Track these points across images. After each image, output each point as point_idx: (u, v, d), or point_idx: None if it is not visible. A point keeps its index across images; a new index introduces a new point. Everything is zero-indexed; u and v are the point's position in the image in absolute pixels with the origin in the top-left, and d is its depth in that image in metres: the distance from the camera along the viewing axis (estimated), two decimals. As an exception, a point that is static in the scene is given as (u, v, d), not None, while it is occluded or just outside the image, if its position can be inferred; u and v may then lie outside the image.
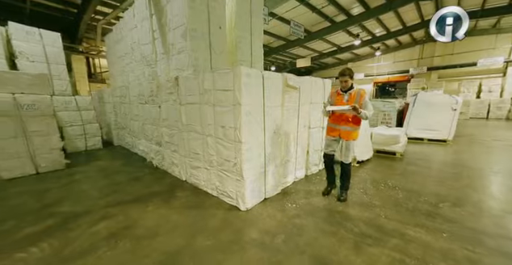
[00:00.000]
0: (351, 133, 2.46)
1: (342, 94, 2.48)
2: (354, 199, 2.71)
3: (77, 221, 2.22)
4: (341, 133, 2.50)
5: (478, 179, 3.36)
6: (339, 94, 2.51)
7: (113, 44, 5.81)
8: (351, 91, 2.43)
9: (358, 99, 2.36)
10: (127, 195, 2.88)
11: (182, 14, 3.19)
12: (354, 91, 2.42)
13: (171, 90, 3.28)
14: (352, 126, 2.45)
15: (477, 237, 1.96)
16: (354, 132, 2.48)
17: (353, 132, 2.47)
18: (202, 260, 1.71)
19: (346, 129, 2.47)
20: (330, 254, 1.77)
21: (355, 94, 2.40)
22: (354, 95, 2.39)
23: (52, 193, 2.91)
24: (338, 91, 2.53)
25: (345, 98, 2.44)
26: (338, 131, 2.51)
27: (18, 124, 3.22)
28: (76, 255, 1.75)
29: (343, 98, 2.45)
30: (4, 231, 2.08)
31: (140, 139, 4.66)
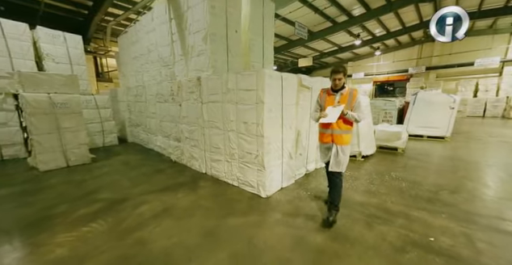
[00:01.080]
0: (344, 137, 2.16)
1: (333, 94, 2.19)
2: (362, 188, 3.01)
3: (122, 205, 2.51)
4: (334, 138, 2.18)
5: (473, 171, 3.68)
6: (330, 95, 2.21)
7: (127, 46, 6.05)
8: (343, 91, 2.16)
9: (350, 100, 2.11)
10: (155, 185, 3.16)
11: (203, 20, 3.45)
12: (347, 91, 2.16)
13: (192, 90, 3.55)
14: (344, 129, 2.15)
15: (471, 217, 2.27)
16: (347, 136, 2.18)
17: (346, 136, 2.17)
18: (237, 234, 2.01)
19: (338, 133, 2.15)
20: (346, 230, 2.07)
21: (347, 94, 2.14)
22: (346, 96, 2.14)
23: (88, 183, 3.19)
24: (329, 91, 2.23)
25: (336, 98, 2.16)
26: (331, 136, 2.19)
27: (53, 121, 3.49)
28: (130, 230, 2.04)
29: (334, 99, 2.17)
30: (62, 212, 2.37)
31: (157, 135, 4.93)
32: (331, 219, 2.15)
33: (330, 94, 2.22)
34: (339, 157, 2.17)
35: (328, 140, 2.23)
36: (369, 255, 1.73)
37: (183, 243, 1.88)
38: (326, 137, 2.24)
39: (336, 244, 1.87)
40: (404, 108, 7.97)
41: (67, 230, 2.05)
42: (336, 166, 2.19)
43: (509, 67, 12.50)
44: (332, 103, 2.16)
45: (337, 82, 2.12)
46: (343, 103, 2.09)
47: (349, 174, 3.52)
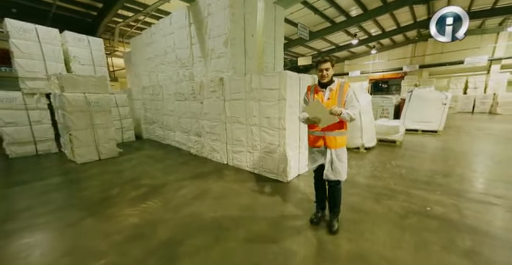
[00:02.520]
0: (338, 139, 1.88)
1: (321, 90, 1.90)
2: (368, 174, 3.47)
3: (163, 189, 2.90)
4: (326, 141, 1.90)
5: (463, 159, 4.19)
6: (318, 91, 1.92)
7: (141, 47, 6.34)
8: (332, 86, 1.86)
9: (340, 95, 1.82)
10: (185, 174, 3.55)
11: (223, 26, 3.82)
12: (336, 85, 1.86)
13: (215, 89, 3.93)
14: (338, 130, 1.87)
15: (460, 193, 2.75)
16: (342, 138, 1.90)
17: (340, 138, 1.89)
18: (270, 209, 2.43)
19: (331, 135, 1.87)
20: (359, 205, 2.51)
21: (337, 89, 1.84)
22: (337, 91, 1.84)
23: (126, 173, 3.55)
24: (316, 87, 1.94)
25: (325, 95, 1.87)
26: (322, 139, 1.92)
27: (88, 118, 3.82)
28: (180, 206, 2.44)
29: (323, 96, 1.88)
30: (117, 194, 2.75)
31: (175, 131, 5.29)
32: (334, 229, 1.96)
33: (318, 91, 1.91)
34: (335, 164, 1.88)
35: (319, 144, 1.94)
36: (379, 221, 2.18)
37: (228, 215, 2.29)
38: (317, 140, 1.95)
39: (352, 214, 2.31)
40: (400, 105, 8.52)
41: (129, 206, 2.44)
42: (332, 174, 1.91)
43: (496, 65, 13.24)
44: (321, 100, 1.85)
45: (324, 72, 1.80)
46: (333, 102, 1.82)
47: (355, 163, 3.98)
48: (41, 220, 2.18)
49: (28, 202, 2.61)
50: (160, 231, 2.02)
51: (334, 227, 1.99)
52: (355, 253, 1.73)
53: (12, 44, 3.98)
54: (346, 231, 2.01)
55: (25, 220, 2.23)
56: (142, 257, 1.70)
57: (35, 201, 2.62)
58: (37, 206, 2.51)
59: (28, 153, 4.34)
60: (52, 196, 2.74)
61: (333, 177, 1.92)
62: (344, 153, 1.95)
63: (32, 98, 4.26)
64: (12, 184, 3.11)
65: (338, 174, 1.92)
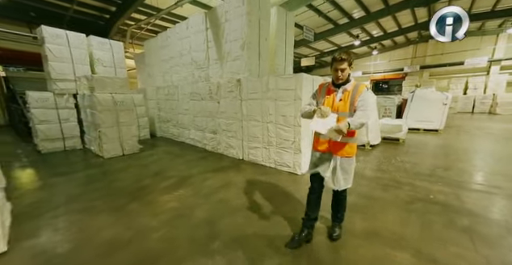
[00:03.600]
0: (347, 147, 1.67)
1: (335, 90, 1.68)
2: (375, 168, 3.76)
3: (190, 180, 3.20)
4: (331, 146, 1.69)
5: (462, 155, 4.48)
6: (330, 91, 1.70)
7: (155, 49, 6.65)
8: (347, 86, 1.64)
9: (353, 98, 1.61)
10: (205, 167, 3.84)
11: (240, 31, 4.12)
12: (352, 86, 1.64)
13: (232, 89, 4.23)
14: (348, 137, 1.65)
15: (460, 184, 3.03)
16: (351, 146, 1.69)
17: (349, 147, 1.68)
18: (289, 197, 2.72)
19: (341, 141, 1.62)
20: (369, 193, 2.81)
21: (352, 90, 1.62)
22: (351, 92, 1.62)
23: (151, 166, 3.85)
24: (330, 87, 1.71)
25: (338, 96, 1.66)
26: (327, 143, 1.71)
27: (114, 116, 4.13)
28: (209, 194, 2.74)
29: (335, 97, 1.66)
30: (149, 184, 3.06)
31: (190, 129, 5.59)
32: (336, 234, 1.81)
33: (331, 91, 1.69)
34: (337, 174, 1.67)
35: (324, 149, 1.72)
36: (388, 206, 2.47)
37: (253, 202, 2.59)
38: (322, 144, 1.73)
39: (363, 200, 2.61)
40: (402, 105, 8.81)
41: (164, 194, 2.75)
42: (333, 182, 1.71)
43: (495, 66, 13.52)
44: (331, 103, 1.66)
45: (340, 73, 1.59)
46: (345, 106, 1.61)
47: (362, 159, 4.27)
48: (96, 203, 2.50)
49: (77, 189, 2.94)
50: (197, 213, 2.32)
51: (336, 233, 1.83)
52: (369, 229, 2.02)
53: (47, 49, 4.30)
54: (359, 213, 2.31)
55: (84, 202, 2.57)
56: (189, 231, 2.00)
57: (82, 189, 2.96)
58: (86, 193, 2.84)
59: (57, 148, 4.66)
60: (95, 185, 3.05)
61: (333, 186, 1.73)
62: (351, 164, 1.70)
63: (62, 98, 4.58)
64: (55, 175, 3.43)
65: (339, 183, 1.71)
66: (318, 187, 1.84)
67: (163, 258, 1.66)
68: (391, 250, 1.74)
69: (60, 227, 2.09)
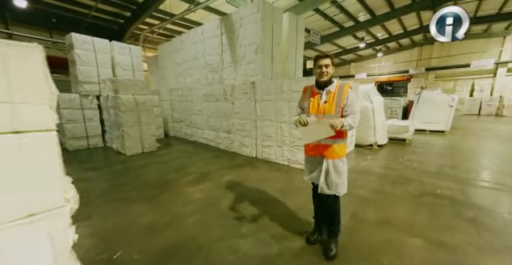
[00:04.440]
0: (336, 148, 1.65)
1: (319, 92, 1.64)
2: (384, 166, 3.94)
3: (210, 176, 3.43)
4: (321, 150, 1.67)
5: (468, 155, 4.62)
6: (314, 94, 1.66)
7: (169, 53, 6.96)
8: (331, 87, 1.61)
9: (339, 99, 1.57)
10: (222, 165, 4.07)
11: (254, 36, 4.37)
12: (335, 87, 1.61)
13: (246, 91, 4.47)
14: (337, 138, 1.62)
15: (466, 181, 3.19)
16: (340, 147, 1.67)
17: (338, 147, 1.66)
18: (303, 191, 2.91)
19: (328, 143, 1.63)
20: (379, 188, 2.99)
21: (337, 91, 1.59)
22: (335, 93, 1.59)
23: (171, 163, 4.10)
24: (313, 89, 1.68)
25: (322, 98, 1.62)
26: (319, 147, 1.67)
27: (136, 117, 4.42)
28: (230, 188, 2.97)
29: (320, 99, 1.63)
30: (174, 179, 3.30)
31: (203, 129, 5.84)
32: (333, 253, 1.68)
33: (315, 93, 1.66)
34: (330, 176, 1.64)
35: (314, 153, 1.71)
36: (398, 199, 2.66)
37: (269, 194, 2.80)
38: (312, 148, 1.71)
39: (374, 194, 2.79)
40: (408, 106, 8.94)
41: (189, 187, 2.98)
42: (327, 187, 1.66)
43: (502, 68, 13.51)
44: (316, 106, 1.62)
45: (324, 69, 1.55)
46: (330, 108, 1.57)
47: (370, 158, 4.45)
48: (130, 194, 2.75)
49: (110, 182, 3.21)
50: (222, 203, 2.54)
51: (332, 251, 1.68)
52: (381, 218, 2.21)
53: (75, 54, 4.65)
54: (370, 205, 2.50)
55: (119, 193, 2.84)
56: (218, 217, 2.23)
57: (114, 182, 3.23)
58: (118, 185, 3.10)
59: (82, 146, 4.97)
60: (124, 179, 3.32)
61: (329, 191, 1.66)
62: (343, 165, 1.68)
63: (87, 99, 4.91)
64: (87, 170, 3.72)
65: (334, 187, 1.65)
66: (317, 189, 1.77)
67: (201, 237, 1.90)
68: (402, 236, 1.93)
69: (106, 213, 2.36)
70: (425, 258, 1.65)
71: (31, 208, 0.89)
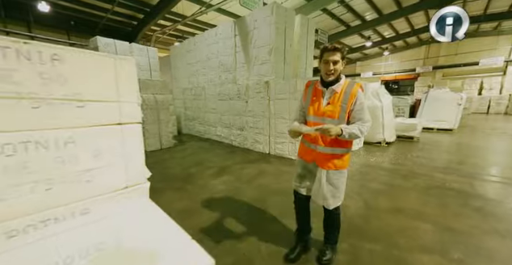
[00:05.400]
0: (335, 159, 1.40)
1: (323, 90, 1.39)
2: (393, 162, 4.11)
3: (229, 169, 3.66)
4: (316, 158, 1.44)
5: (476, 152, 4.74)
6: (317, 92, 1.42)
7: (181, 53, 7.22)
8: (337, 86, 1.35)
9: (345, 102, 1.32)
10: (237, 160, 4.30)
11: (268, 38, 4.57)
12: (343, 86, 1.36)
13: (260, 90, 4.68)
14: (339, 147, 1.39)
15: (474, 175, 3.34)
16: (341, 158, 1.41)
17: (338, 158, 1.40)
18: (320, 183, 3.14)
19: (324, 151, 1.40)
20: (389, 181, 3.18)
21: (343, 92, 1.34)
22: (341, 94, 1.34)
23: (189, 158, 4.37)
24: (317, 85, 1.44)
25: (324, 98, 1.38)
26: (313, 153, 1.45)
27: (155, 114, 4.70)
28: (249, 180, 3.20)
29: (322, 100, 1.39)
30: (196, 172, 3.55)
31: (216, 126, 6.09)
32: (326, 258, 1.53)
33: (318, 92, 1.41)
34: (322, 188, 1.41)
35: (308, 159, 1.48)
36: (408, 191, 2.84)
37: (288, 186, 3.00)
38: (307, 153, 1.48)
39: (385, 186, 2.98)
40: (415, 105, 9.01)
41: (212, 179, 3.23)
42: (319, 197, 1.46)
43: (512, 66, 13.36)
44: (316, 107, 1.38)
45: (331, 66, 1.30)
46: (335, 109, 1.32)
47: (379, 154, 4.62)
48: (158, 185, 3.00)
49: None
50: (246, 193, 2.78)
51: (326, 256, 1.53)
52: (393, 207, 2.41)
53: (100, 55, 4.90)
54: (382, 196, 2.69)
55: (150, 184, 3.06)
56: (244, 205, 2.46)
57: None
58: None
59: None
60: (151, 172, 3.55)
61: (320, 202, 1.46)
62: (341, 178, 1.43)
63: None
64: None
65: (325, 201, 1.44)
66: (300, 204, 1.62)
67: (231, 222, 2.13)
68: (414, 222, 2.12)
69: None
70: (436, 240, 1.85)
71: (127, 181, 1.14)
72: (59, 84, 0.90)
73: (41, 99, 0.86)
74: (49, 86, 0.87)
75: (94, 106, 1.01)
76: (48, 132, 0.89)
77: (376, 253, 1.69)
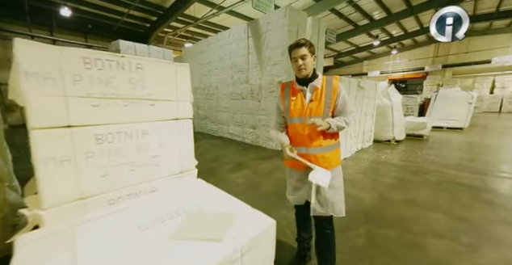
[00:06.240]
0: (330, 157, 1.33)
1: (301, 88, 1.33)
2: (404, 159, 4.23)
3: (245, 165, 3.88)
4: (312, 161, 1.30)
5: (487, 150, 4.79)
6: (295, 91, 1.35)
7: (194, 54, 7.48)
8: (316, 82, 1.30)
9: (329, 96, 1.27)
10: (252, 156, 4.51)
11: (281, 39, 4.75)
12: (322, 81, 1.31)
13: (272, 90, 4.87)
14: (329, 143, 1.33)
15: (484, 172, 3.43)
16: (333, 154, 1.35)
17: (331, 154, 1.34)
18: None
19: (318, 153, 1.31)
20: (401, 176, 3.31)
21: (325, 87, 1.29)
22: (323, 90, 1.29)
23: (206, 154, 4.60)
24: (294, 86, 1.37)
25: (307, 96, 1.31)
26: (305, 157, 1.30)
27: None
28: (267, 174, 3.39)
29: (304, 98, 1.31)
30: (215, 167, 3.78)
31: (229, 125, 6.32)
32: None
33: (296, 91, 1.35)
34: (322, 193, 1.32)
35: (300, 167, 1.35)
36: (420, 185, 2.97)
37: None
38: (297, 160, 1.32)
39: (397, 181, 3.13)
40: (424, 104, 9.00)
41: (231, 173, 3.44)
42: (321, 206, 1.34)
43: (526, 64, 13.06)
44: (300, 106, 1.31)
45: (300, 62, 1.25)
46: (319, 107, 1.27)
47: (389, 151, 4.74)
48: None
49: None
50: (264, 186, 2.98)
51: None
52: (406, 199, 2.56)
53: (122, 57, 5.20)
54: (395, 189, 2.84)
55: None
56: (265, 196, 2.66)
57: None
58: None
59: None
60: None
61: (323, 211, 1.33)
62: (339, 176, 1.38)
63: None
64: None
65: (329, 206, 1.32)
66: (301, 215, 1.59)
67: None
68: (426, 212, 2.27)
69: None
70: (447, 227, 2.00)
71: (181, 167, 1.36)
72: (140, 87, 1.12)
73: (129, 99, 1.08)
74: (135, 88, 1.10)
75: (161, 104, 1.23)
76: (132, 124, 1.11)
77: (391, 237, 1.86)
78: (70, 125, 0.90)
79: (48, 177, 0.86)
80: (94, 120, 0.97)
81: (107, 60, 0.97)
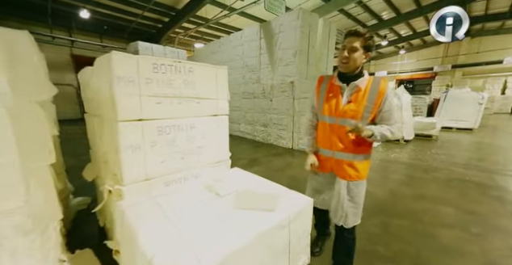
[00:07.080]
0: (359, 166, 1.21)
1: (341, 86, 1.16)
2: (413, 158, 4.32)
3: (258, 161, 4.05)
4: (334, 166, 1.25)
5: (497, 150, 4.83)
6: (333, 88, 1.19)
7: (205, 54, 7.70)
8: (360, 81, 1.12)
9: (372, 102, 1.10)
10: (264, 153, 4.68)
11: (293, 40, 4.90)
12: (367, 82, 1.12)
13: (285, 89, 5.03)
14: (361, 151, 1.20)
15: (493, 170, 3.51)
16: (363, 165, 1.22)
17: (359, 165, 1.20)
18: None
19: (347, 158, 1.20)
20: (411, 174, 3.43)
21: (369, 89, 1.11)
22: (366, 92, 1.11)
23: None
24: (333, 81, 1.21)
25: (344, 96, 1.15)
26: (330, 161, 1.27)
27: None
28: (280, 170, 3.56)
29: (341, 97, 1.16)
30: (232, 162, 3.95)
31: (240, 123, 6.51)
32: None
33: (335, 87, 1.19)
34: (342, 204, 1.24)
35: (325, 168, 1.32)
36: (430, 182, 3.09)
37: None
38: (324, 162, 1.32)
39: (407, 178, 3.24)
40: (433, 104, 8.98)
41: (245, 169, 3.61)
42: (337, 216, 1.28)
43: (539, 65, 12.79)
44: (334, 106, 1.17)
45: (346, 53, 1.07)
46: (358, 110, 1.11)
47: (399, 150, 4.83)
48: None
49: None
50: (279, 181, 3.13)
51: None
52: (417, 194, 2.68)
53: (141, 58, 5.45)
54: (405, 185, 2.96)
55: None
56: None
57: None
58: None
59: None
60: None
61: (337, 221, 1.28)
62: (362, 190, 1.26)
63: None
64: None
65: (342, 217, 1.25)
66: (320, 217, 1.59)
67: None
68: (436, 205, 2.40)
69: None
70: (457, 219, 2.13)
71: (217, 157, 1.55)
72: (191, 87, 1.31)
73: (182, 98, 1.27)
74: (187, 89, 1.29)
75: (204, 102, 1.41)
76: (183, 119, 1.30)
77: (403, 226, 2.00)
78: (142, 119, 1.09)
79: (127, 160, 1.05)
80: (157, 115, 1.16)
81: (168, 65, 1.16)
